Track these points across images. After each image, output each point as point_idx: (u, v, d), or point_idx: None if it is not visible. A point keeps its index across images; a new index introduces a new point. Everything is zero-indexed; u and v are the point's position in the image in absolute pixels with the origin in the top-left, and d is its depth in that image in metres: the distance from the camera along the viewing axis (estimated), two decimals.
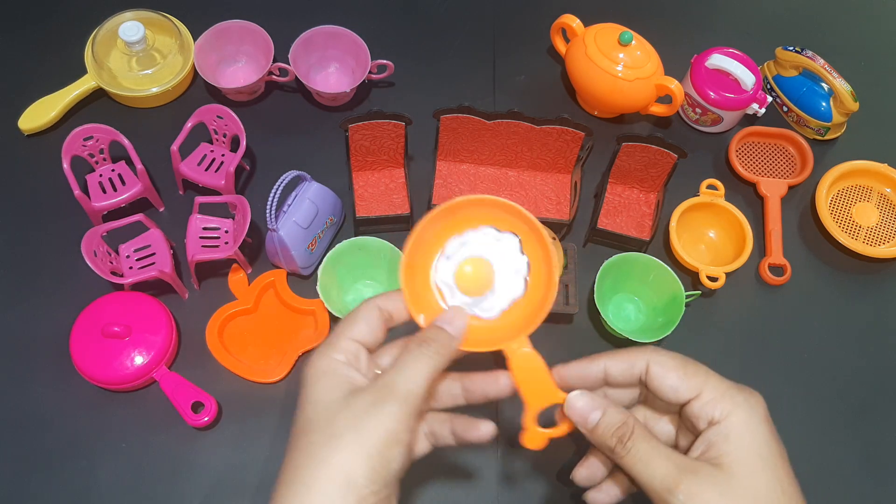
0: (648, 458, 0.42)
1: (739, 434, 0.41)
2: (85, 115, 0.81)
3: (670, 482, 0.40)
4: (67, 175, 0.70)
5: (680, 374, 0.44)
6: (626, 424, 0.43)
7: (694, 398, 0.43)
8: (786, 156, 0.85)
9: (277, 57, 0.80)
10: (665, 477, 0.40)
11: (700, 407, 0.43)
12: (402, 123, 0.71)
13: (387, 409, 0.40)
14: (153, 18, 0.82)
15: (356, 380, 0.43)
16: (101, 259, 0.67)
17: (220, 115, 0.73)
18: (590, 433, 0.44)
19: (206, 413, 0.64)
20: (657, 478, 0.41)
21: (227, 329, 0.70)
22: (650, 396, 0.47)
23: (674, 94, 0.78)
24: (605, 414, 0.43)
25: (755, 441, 0.41)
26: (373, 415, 0.40)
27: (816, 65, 0.82)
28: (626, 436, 0.42)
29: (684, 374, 0.44)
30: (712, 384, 0.43)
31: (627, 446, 0.42)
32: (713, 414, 0.42)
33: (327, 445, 0.39)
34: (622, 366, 0.45)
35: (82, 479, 0.63)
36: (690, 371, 0.44)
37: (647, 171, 0.76)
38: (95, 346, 0.65)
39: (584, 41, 0.80)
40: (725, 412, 0.42)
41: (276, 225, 0.67)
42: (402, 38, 0.88)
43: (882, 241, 0.80)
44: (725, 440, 0.41)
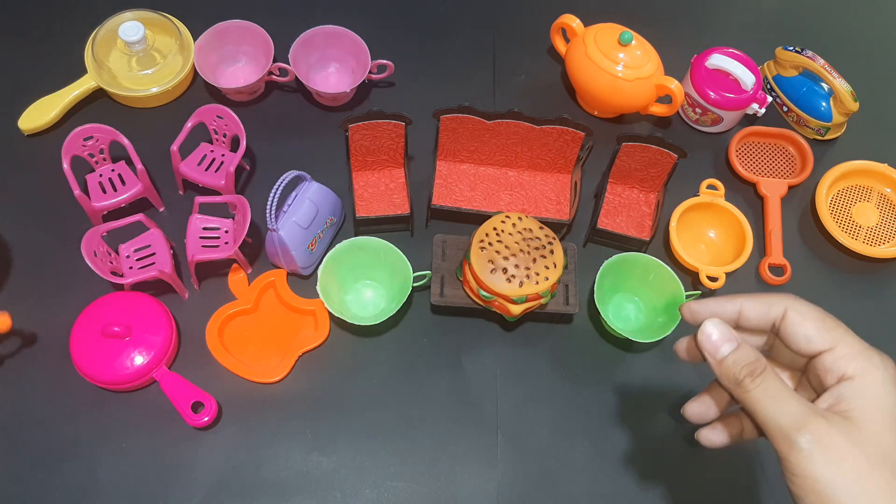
0: (778, 396, 0.40)
1: (874, 393, 0.40)
2: (85, 115, 0.81)
3: (799, 421, 0.39)
4: (67, 175, 0.70)
5: (818, 326, 0.42)
6: (759, 361, 0.41)
7: (827, 351, 0.42)
8: (786, 156, 0.85)
9: (277, 57, 0.80)
10: (794, 416, 0.39)
11: (833, 361, 0.41)
12: (402, 123, 0.71)
13: None
14: (153, 18, 0.82)
15: None
16: (101, 259, 0.67)
17: (220, 115, 0.73)
18: (718, 364, 0.42)
19: (206, 413, 0.64)
20: (785, 415, 0.39)
21: (227, 329, 0.70)
22: (776, 348, 0.46)
23: (674, 94, 0.78)
24: (740, 347, 0.42)
25: (888, 401, 0.40)
26: None
27: (816, 65, 0.82)
28: (757, 371, 0.41)
29: (822, 326, 0.42)
30: (848, 341, 0.42)
31: (757, 381, 0.41)
32: (847, 369, 0.41)
33: None
34: (760, 308, 0.44)
35: (82, 479, 0.63)
36: (829, 324, 0.43)
37: (647, 171, 0.76)
38: (95, 346, 0.65)
39: (584, 41, 0.80)
40: (860, 370, 0.40)
41: (276, 225, 0.67)
42: (402, 38, 0.88)
43: (882, 241, 0.80)
44: (858, 396, 0.40)
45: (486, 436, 0.67)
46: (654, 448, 0.68)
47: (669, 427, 0.69)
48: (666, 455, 0.68)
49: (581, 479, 0.66)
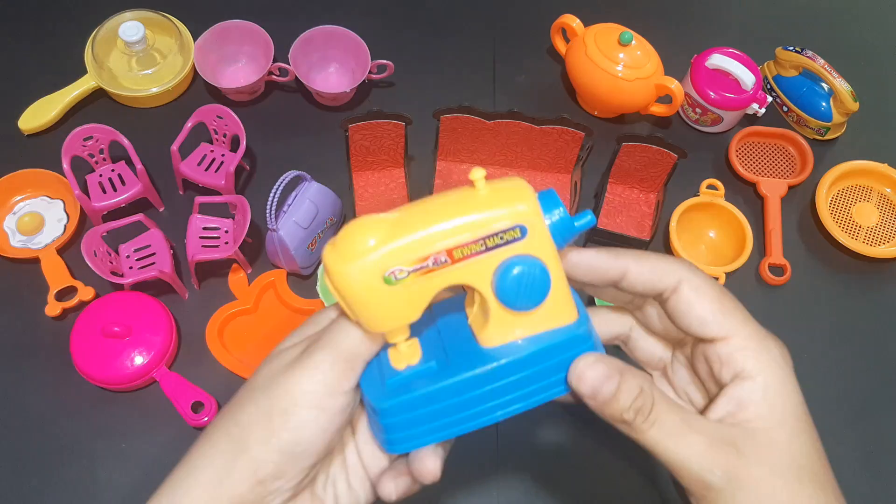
0: (681, 434, 0.35)
1: (777, 395, 0.35)
2: (85, 115, 0.81)
3: (709, 458, 0.34)
4: (67, 175, 0.70)
5: (715, 308, 0.37)
6: (645, 394, 0.35)
7: (722, 340, 0.37)
8: (786, 156, 0.85)
9: (277, 57, 0.80)
10: (702, 453, 0.34)
11: (729, 353, 0.36)
12: (402, 123, 0.71)
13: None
14: (153, 18, 0.82)
15: None
16: (101, 259, 0.67)
17: (220, 115, 0.73)
18: (599, 406, 0.36)
19: (206, 413, 0.64)
20: (692, 454, 0.34)
21: (227, 329, 0.70)
22: (648, 314, 0.41)
23: (674, 94, 0.78)
24: (622, 383, 0.35)
25: (792, 403, 0.36)
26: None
27: (816, 65, 0.82)
28: (648, 407, 0.35)
29: (720, 309, 0.37)
30: (747, 330, 0.37)
31: (651, 420, 0.35)
32: (745, 365, 0.36)
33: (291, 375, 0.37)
34: (648, 275, 0.38)
35: (82, 479, 0.63)
36: (728, 307, 0.37)
37: (647, 171, 0.76)
38: (95, 346, 0.65)
39: (584, 41, 0.80)
40: (760, 367, 0.36)
41: (276, 225, 0.67)
42: (402, 38, 0.88)
43: (882, 241, 0.80)
44: (763, 401, 0.35)
45: (487, 436, 0.67)
46: None
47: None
48: None
49: (581, 480, 0.66)
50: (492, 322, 0.35)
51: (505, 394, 0.36)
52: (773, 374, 0.36)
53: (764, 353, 0.36)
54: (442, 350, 0.37)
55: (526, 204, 0.33)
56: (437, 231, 0.33)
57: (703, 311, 0.37)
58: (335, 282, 0.33)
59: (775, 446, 0.35)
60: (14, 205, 0.74)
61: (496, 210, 0.33)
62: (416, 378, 0.36)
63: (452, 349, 0.37)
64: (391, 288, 0.33)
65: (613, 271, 0.38)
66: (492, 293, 0.34)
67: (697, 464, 0.34)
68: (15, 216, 0.73)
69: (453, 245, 0.33)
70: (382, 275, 0.33)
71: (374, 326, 0.35)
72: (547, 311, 0.35)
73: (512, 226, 0.33)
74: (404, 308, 0.34)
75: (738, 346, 0.36)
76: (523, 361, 0.35)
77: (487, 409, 0.36)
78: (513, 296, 0.34)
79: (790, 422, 0.35)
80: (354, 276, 0.33)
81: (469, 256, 0.33)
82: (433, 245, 0.33)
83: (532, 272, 0.34)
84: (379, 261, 0.32)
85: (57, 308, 0.68)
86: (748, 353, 0.36)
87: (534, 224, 0.33)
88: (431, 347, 0.37)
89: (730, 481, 0.34)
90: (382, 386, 0.36)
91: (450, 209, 0.33)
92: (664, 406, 0.36)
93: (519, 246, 0.34)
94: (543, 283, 0.34)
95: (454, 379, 0.35)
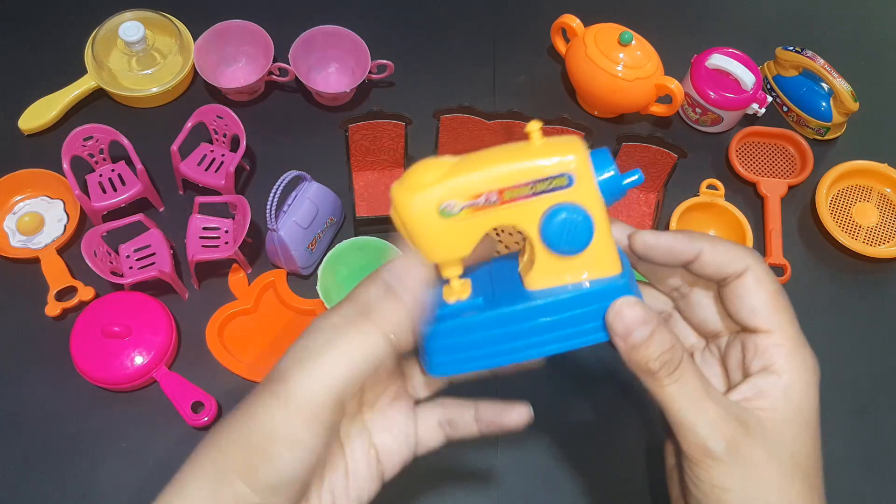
0: (697, 396, 0.36)
1: (797, 396, 0.37)
2: (85, 115, 0.81)
3: (718, 427, 0.35)
4: (67, 175, 0.70)
5: (769, 301, 0.38)
6: (676, 349, 0.36)
7: (765, 332, 0.38)
8: (786, 156, 0.85)
9: (277, 57, 0.80)
10: (713, 421, 0.35)
11: (766, 346, 0.38)
12: (402, 123, 0.71)
13: (276, 412, 0.36)
14: (153, 18, 0.82)
15: None
16: (101, 259, 0.67)
17: (220, 115, 0.73)
18: (629, 349, 0.36)
19: (206, 413, 0.64)
20: (703, 420, 0.35)
21: (227, 329, 0.70)
22: (692, 301, 0.42)
23: (674, 94, 0.78)
24: (657, 331, 0.36)
25: (809, 408, 0.38)
26: (258, 412, 0.36)
27: (816, 65, 0.82)
28: (674, 363, 0.36)
29: (774, 303, 0.38)
30: (790, 331, 0.38)
31: (675, 376, 0.36)
32: (776, 362, 0.37)
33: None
34: (722, 258, 0.38)
35: (82, 478, 0.63)
36: (780, 303, 0.38)
37: (647, 170, 0.76)
38: (95, 346, 0.65)
39: (584, 41, 0.80)
40: (790, 367, 0.37)
41: (276, 225, 0.67)
42: (402, 38, 0.88)
43: (882, 241, 0.80)
44: (782, 397, 0.37)
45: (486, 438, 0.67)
46: (656, 446, 0.68)
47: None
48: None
49: (581, 480, 0.66)
50: (537, 265, 0.38)
51: (543, 332, 0.38)
52: (799, 377, 0.37)
53: (797, 356, 0.38)
54: (491, 291, 0.40)
55: (575, 155, 0.36)
56: (490, 172, 0.36)
57: (757, 302, 0.38)
58: (399, 211, 0.37)
59: (780, 439, 0.36)
60: (14, 205, 0.74)
61: (546, 159, 0.36)
62: (463, 309, 0.39)
63: (500, 290, 0.40)
64: (446, 221, 0.36)
65: (688, 253, 0.39)
66: (538, 236, 0.37)
67: (705, 430, 0.35)
68: (15, 216, 0.73)
69: (504, 186, 0.36)
70: (439, 207, 0.36)
71: (431, 256, 0.38)
72: (590, 260, 0.37)
73: (559, 174, 0.36)
74: (456, 242, 0.37)
75: (776, 343, 0.38)
76: (563, 303, 0.37)
77: (525, 345, 0.38)
78: (556, 239, 0.36)
79: (800, 423, 0.37)
80: (416, 206, 0.36)
81: (517, 199, 0.36)
82: (485, 184, 0.36)
83: (575, 218, 0.36)
84: (437, 193, 0.36)
85: (57, 308, 0.68)
86: (783, 351, 0.37)
87: (581, 174, 0.36)
88: (482, 288, 0.40)
89: (730, 455, 0.35)
90: (432, 315, 0.39)
91: (504, 156, 0.37)
92: (690, 367, 0.36)
93: (565, 194, 0.36)
94: (586, 230, 0.36)
95: (496, 312, 0.38)
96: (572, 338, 0.38)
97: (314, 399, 0.35)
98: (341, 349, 0.36)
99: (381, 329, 0.36)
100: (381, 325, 0.37)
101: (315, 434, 0.36)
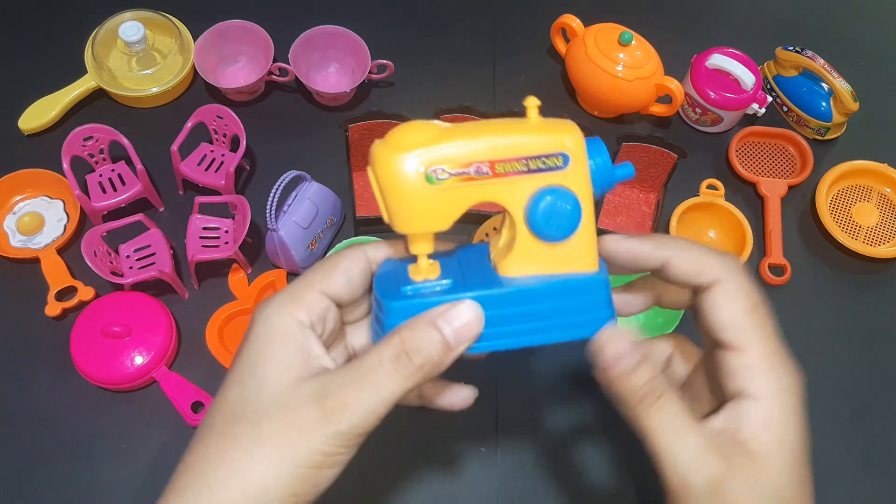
0: (678, 428, 0.35)
1: (779, 425, 0.35)
2: (85, 115, 0.81)
3: (698, 462, 0.34)
4: (67, 175, 0.70)
5: (739, 317, 0.36)
6: (660, 380, 0.36)
7: (735, 350, 0.36)
8: (786, 156, 0.85)
9: (277, 57, 0.80)
10: (694, 455, 0.34)
11: (739, 367, 0.36)
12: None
13: (330, 430, 0.33)
14: (153, 18, 0.82)
15: (313, 355, 0.36)
16: (101, 259, 0.67)
17: (220, 115, 0.73)
18: (611, 379, 0.36)
19: None
20: (684, 453, 0.34)
21: (227, 329, 0.70)
22: (665, 297, 0.41)
23: (674, 94, 0.78)
24: (641, 363, 0.36)
25: (792, 435, 0.35)
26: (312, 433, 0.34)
27: (816, 65, 0.82)
28: (657, 393, 0.35)
29: (744, 319, 0.36)
30: (764, 349, 0.36)
31: (657, 405, 0.35)
32: (751, 385, 0.35)
33: (250, 449, 0.34)
34: (688, 269, 0.37)
35: (82, 479, 0.63)
36: (755, 320, 0.36)
37: (647, 171, 0.76)
38: (95, 346, 0.65)
39: (584, 41, 0.80)
40: (767, 390, 0.35)
41: (276, 225, 0.67)
42: (402, 38, 0.88)
43: (882, 241, 0.80)
44: (762, 427, 0.35)
45: (486, 436, 0.67)
46: None
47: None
48: None
49: (581, 480, 0.66)
50: (515, 250, 0.36)
51: (515, 323, 0.36)
52: (775, 401, 0.35)
53: (774, 377, 0.36)
54: (461, 275, 0.37)
55: (573, 137, 0.35)
56: (485, 141, 0.34)
57: (725, 317, 0.36)
58: (378, 171, 0.34)
59: (764, 472, 0.35)
60: (14, 205, 0.74)
61: (544, 136, 0.34)
62: (430, 289, 0.36)
63: (471, 275, 0.37)
64: (430, 188, 0.33)
65: (654, 260, 0.38)
66: (523, 218, 0.35)
67: (686, 463, 0.34)
68: (15, 216, 0.73)
69: (497, 158, 0.34)
70: (426, 171, 0.33)
71: (405, 226, 0.35)
72: (570, 253, 0.36)
73: (556, 153, 0.34)
74: (438, 213, 0.35)
75: (750, 363, 0.36)
76: (537, 292, 0.36)
77: (493, 333, 0.36)
78: (542, 223, 0.35)
79: (783, 453, 0.35)
80: (399, 167, 0.33)
81: (509, 174, 0.34)
82: (478, 154, 0.33)
83: (565, 203, 0.35)
84: (425, 156, 0.33)
85: (57, 308, 0.68)
86: (758, 373, 0.36)
87: (576, 157, 0.34)
88: (451, 271, 0.38)
89: (710, 490, 0.34)
90: (396, 290, 0.37)
91: (500, 128, 0.35)
92: (673, 398, 0.36)
93: (558, 175, 0.35)
94: (574, 216, 0.35)
95: (465, 294, 0.36)
96: (545, 331, 0.37)
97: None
98: None
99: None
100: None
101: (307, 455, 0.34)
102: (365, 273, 0.38)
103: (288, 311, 0.36)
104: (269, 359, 0.35)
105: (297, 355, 0.35)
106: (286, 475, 0.33)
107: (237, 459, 0.34)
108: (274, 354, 0.35)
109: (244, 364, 0.36)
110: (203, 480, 0.34)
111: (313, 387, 0.34)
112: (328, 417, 0.33)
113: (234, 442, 0.34)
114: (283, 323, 0.36)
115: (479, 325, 0.36)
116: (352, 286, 0.38)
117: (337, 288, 0.37)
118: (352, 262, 0.38)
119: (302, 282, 0.37)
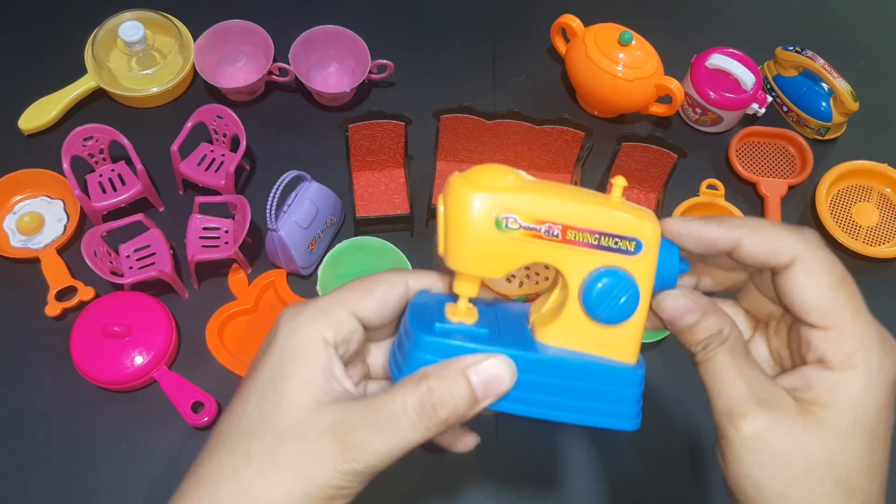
0: (724, 373, 0.34)
1: (853, 397, 0.33)
2: (85, 115, 0.81)
3: (735, 407, 0.34)
4: (67, 175, 0.70)
5: (823, 295, 0.34)
6: (720, 334, 0.35)
7: (821, 329, 0.34)
8: (786, 156, 0.85)
9: (277, 57, 0.80)
10: (737, 399, 0.34)
11: (823, 342, 0.34)
12: (402, 123, 0.71)
13: (346, 467, 0.33)
14: (153, 18, 0.82)
15: (335, 377, 0.35)
16: (101, 259, 0.67)
17: (220, 115, 0.73)
18: (678, 332, 0.36)
19: (206, 413, 0.64)
20: (728, 396, 0.34)
21: (227, 329, 0.70)
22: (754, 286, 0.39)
23: (674, 94, 0.78)
24: (703, 317, 0.35)
25: (865, 408, 0.33)
26: (327, 466, 0.33)
27: (816, 65, 0.82)
28: (715, 343, 0.35)
29: (829, 297, 0.34)
30: (854, 328, 0.35)
31: (709, 354, 0.35)
32: (833, 359, 0.34)
33: (264, 473, 0.33)
34: (762, 249, 0.35)
35: (82, 479, 0.63)
36: (840, 298, 0.35)
37: (647, 171, 0.76)
38: (95, 346, 0.65)
39: (584, 41, 0.80)
40: (849, 364, 0.34)
41: (276, 225, 0.67)
42: (402, 38, 0.88)
43: (882, 241, 0.80)
44: (832, 393, 0.33)
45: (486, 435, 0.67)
46: (655, 448, 0.68)
47: (671, 426, 0.69)
48: (667, 454, 0.68)
49: (581, 480, 0.66)
50: (561, 320, 0.35)
51: (540, 392, 0.35)
52: (859, 378, 0.34)
53: (860, 355, 0.34)
54: (496, 328, 0.37)
55: (652, 226, 0.34)
56: (565, 204, 0.33)
57: (808, 297, 0.34)
58: (450, 202, 0.33)
59: (819, 435, 0.33)
60: (14, 205, 0.74)
61: (625, 216, 0.34)
62: (464, 333, 0.35)
63: (507, 331, 0.37)
64: (497, 234, 0.33)
65: (724, 243, 0.36)
66: (577, 290, 0.35)
67: (728, 407, 0.34)
68: (15, 216, 0.73)
69: (572, 224, 0.33)
70: (497, 216, 0.33)
71: (459, 263, 0.34)
72: (614, 338, 0.35)
73: (631, 237, 0.34)
74: (495, 260, 0.34)
75: (836, 339, 0.34)
76: (572, 367, 0.35)
77: (516, 397, 0.35)
78: (597, 302, 0.34)
79: (847, 422, 0.33)
80: (472, 204, 0.32)
81: (579, 243, 0.34)
82: (555, 214, 0.33)
83: (626, 289, 0.34)
84: (501, 201, 0.32)
85: (57, 308, 0.68)
86: (842, 349, 0.34)
87: (649, 247, 0.34)
88: (487, 322, 0.37)
89: (753, 435, 0.33)
90: (430, 324, 0.36)
91: (583, 196, 0.34)
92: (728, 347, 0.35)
93: (626, 260, 0.34)
94: (632, 304, 0.34)
95: (500, 349, 0.34)
96: (566, 409, 0.35)
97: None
98: None
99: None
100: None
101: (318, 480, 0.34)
102: (400, 302, 0.38)
103: (316, 328, 0.36)
104: (291, 376, 0.35)
105: (320, 375, 0.35)
106: (298, 501, 0.33)
107: (250, 482, 0.33)
108: (296, 372, 0.35)
109: (265, 377, 0.35)
110: (215, 498, 0.34)
111: (334, 418, 0.34)
112: (345, 454, 0.33)
113: (249, 463, 0.34)
114: (310, 339, 0.35)
115: (509, 384, 0.34)
116: (383, 312, 0.37)
117: (368, 312, 0.37)
118: (389, 289, 0.37)
119: (334, 298, 0.37)
